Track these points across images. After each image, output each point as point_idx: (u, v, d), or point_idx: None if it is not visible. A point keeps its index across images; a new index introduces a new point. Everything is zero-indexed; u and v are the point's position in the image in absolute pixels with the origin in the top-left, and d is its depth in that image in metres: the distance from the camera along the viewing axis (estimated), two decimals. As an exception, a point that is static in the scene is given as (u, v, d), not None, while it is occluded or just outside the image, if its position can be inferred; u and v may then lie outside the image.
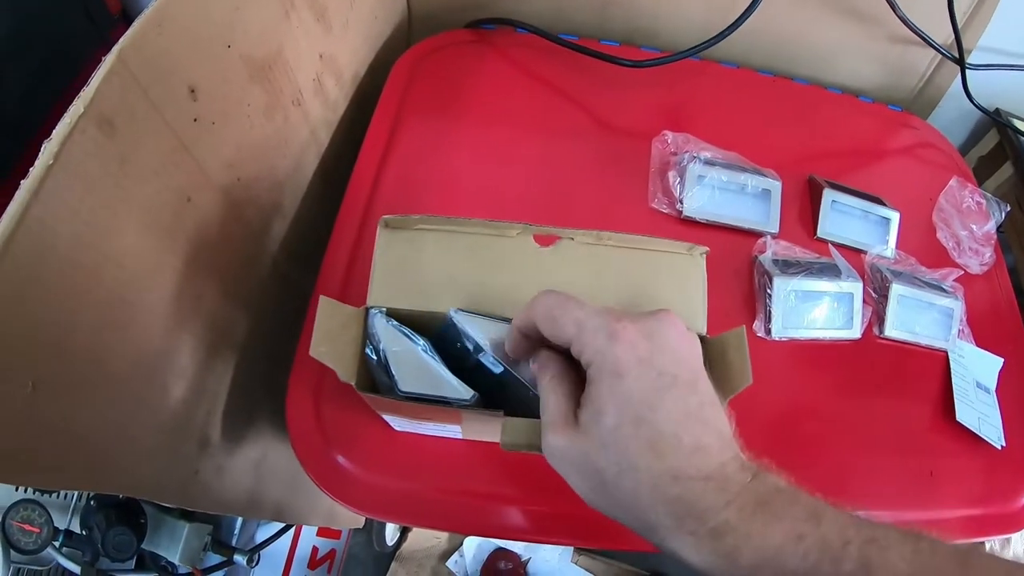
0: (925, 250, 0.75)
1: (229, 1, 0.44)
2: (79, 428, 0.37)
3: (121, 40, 0.35)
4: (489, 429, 0.47)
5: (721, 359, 0.42)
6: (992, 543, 0.95)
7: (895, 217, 0.72)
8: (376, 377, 0.42)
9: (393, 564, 1.23)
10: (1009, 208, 0.78)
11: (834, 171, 0.76)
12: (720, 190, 0.67)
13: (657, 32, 0.83)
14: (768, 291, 0.63)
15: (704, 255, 0.46)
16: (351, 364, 0.41)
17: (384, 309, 0.42)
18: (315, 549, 1.10)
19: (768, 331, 0.63)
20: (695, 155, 0.67)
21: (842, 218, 0.71)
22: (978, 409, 0.68)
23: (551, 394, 0.35)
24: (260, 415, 0.64)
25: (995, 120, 0.89)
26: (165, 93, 0.38)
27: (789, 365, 0.63)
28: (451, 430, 0.51)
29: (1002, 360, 0.72)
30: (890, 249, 0.71)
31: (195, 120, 0.42)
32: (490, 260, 0.43)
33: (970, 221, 0.77)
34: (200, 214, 0.45)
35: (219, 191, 0.47)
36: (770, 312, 0.62)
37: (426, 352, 0.41)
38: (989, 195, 0.79)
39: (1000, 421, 0.68)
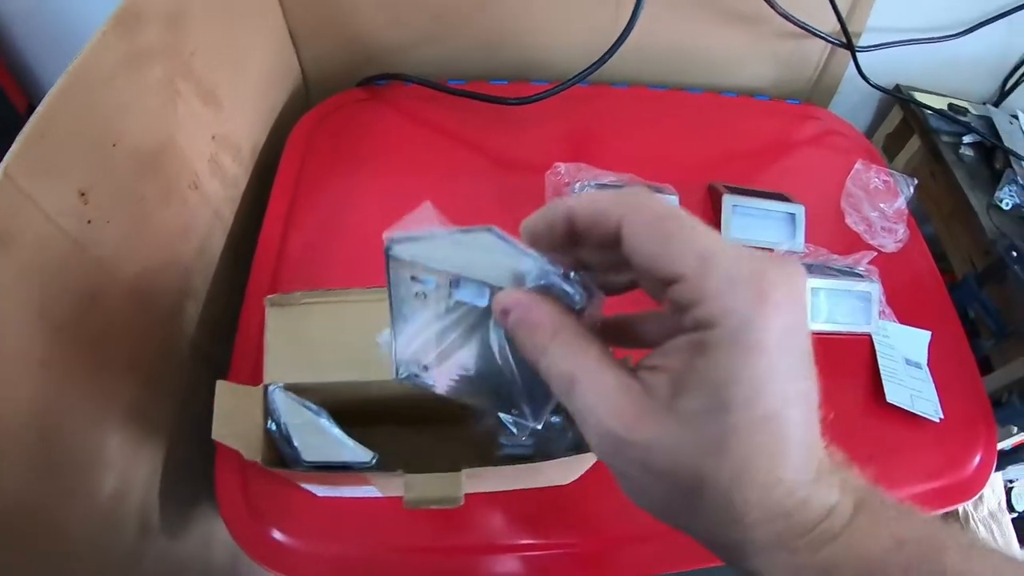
0: (837, 238, 0.76)
1: (112, 101, 0.45)
2: (10, 526, 0.38)
3: (7, 155, 0.36)
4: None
5: None
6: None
7: (800, 211, 0.73)
8: (282, 450, 0.43)
9: None
10: (917, 182, 0.79)
11: (737, 175, 0.77)
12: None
13: (549, 63, 0.84)
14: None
15: None
16: (255, 442, 0.42)
17: (281, 384, 0.43)
18: None
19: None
20: (585, 184, 0.68)
21: (746, 221, 0.72)
22: (910, 386, 0.68)
23: (607, 369, 0.25)
24: (202, 495, 0.64)
25: (896, 97, 0.91)
26: (55, 201, 0.39)
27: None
28: (368, 490, 0.51)
29: (929, 333, 0.72)
30: (799, 243, 0.72)
31: (89, 222, 0.43)
32: (375, 326, 0.42)
33: (879, 201, 0.78)
34: (106, 311, 0.46)
35: (123, 285, 0.48)
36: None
37: (325, 420, 0.42)
38: (896, 172, 0.80)
39: (935, 394, 0.69)
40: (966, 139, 0.86)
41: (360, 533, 0.52)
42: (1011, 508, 1.22)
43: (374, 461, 0.42)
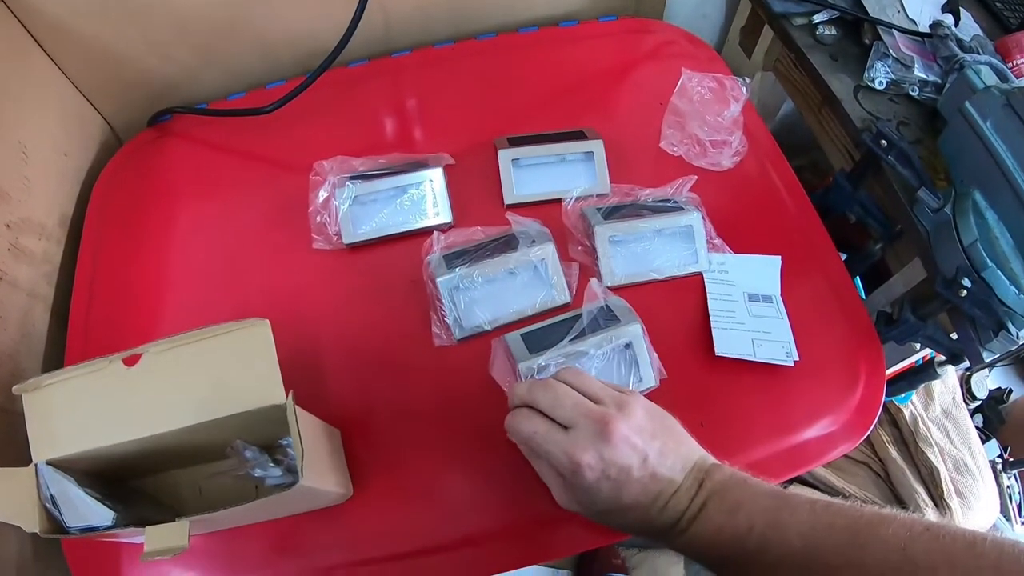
0: (656, 168, 0.64)
1: None
2: None
3: None
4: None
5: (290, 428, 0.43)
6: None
7: (598, 148, 0.62)
8: (57, 520, 0.45)
9: None
10: (749, 81, 0.66)
11: (542, 120, 0.67)
12: (373, 204, 0.59)
13: (314, 51, 0.74)
14: (436, 295, 0.54)
15: (261, 325, 0.45)
16: (33, 515, 0.43)
17: (44, 460, 0.45)
18: None
19: (451, 336, 0.54)
20: (336, 180, 0.59)
21: (533, 173, 0.62)
22: (752, 329, 0.57)
23: (554, 477, 0.46)
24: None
25: (736, -16, 0.77)
26: None
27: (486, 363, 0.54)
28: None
29: (779, 258, 0.60)
30: (601, 185, 0.62)
31: None
32: (99, 393, 0.46)
33: (709, 112, 0.66)
34: None
35: None
36: (443, 315, 0.54)
37: (74, 487, 0.44)
38: (727, 75, 0.67)
39: (789, 331, 0.57)
40: (818, 17, 0.72)
41: (196, 570, 0.52)
42: (972, 397, 1.07)
43: (114, 520, 0.44)
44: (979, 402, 1.10)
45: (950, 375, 0.85)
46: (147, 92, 0.76)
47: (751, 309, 0.58)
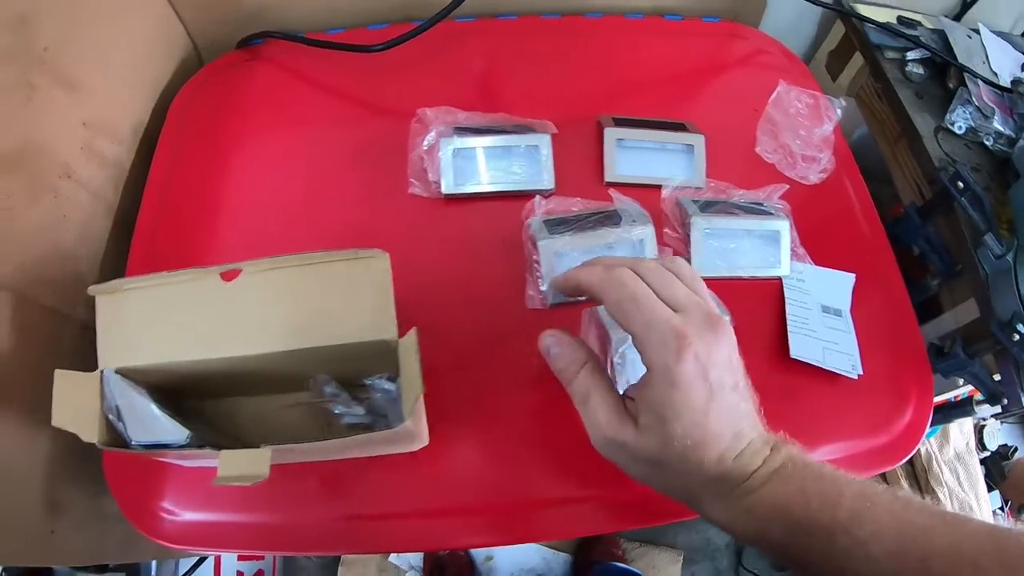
0: (749, 170, 0.66)
1: None
2: None
3: None
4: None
5: (404, 365, 0.43)
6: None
7: (699, 142, 0.64)
8: (119, 431, 0.44)
9: (340, 568, 1.22)
10: (845, 104, 0.68)
11: (641, 106, 0.68)
12: (476, 159, 0.60)
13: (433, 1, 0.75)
14: (535, 257, 0.56)
15: (384, 255, 0.44)
16: (92, 425, 0.43)
17: (113, 368, 0.44)
18: (239, 574, 1.06)
19: (543, 301, 0.56)
20: (444, 128, 0.60)
21: (635, 156, 0.63)
22: (823, 338, 0.59)
23: (595, 391, 0.41)
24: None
25: (835, 10, 0.79)
26: None
27: (578, 332, 0.56)
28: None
29: (852, 276, 0.63)
30: (698, 178, 0.63)
31: None
32: (187, 306, 0.45)
33: (802, 127, 0.68)
34: None
35: (3, 280, 0.48)
36: (539, 279, 0.55)
37: (145, 401, 0.44)
38: (822, 94, 0.69)
39: (856, 346, 0.60)
40: (912, 55, 0.75)
41: (240, 502, 0.51)
42: (983, 447, 1.13)
43: (188, 440, 0.44)
44: (988, 453, 1.15)
45: (966, 423, 0.89)
46: (237, 13, 0.75)
47: (823, 320, 0.60)
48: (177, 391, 0.49)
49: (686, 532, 1.22)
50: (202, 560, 0.94)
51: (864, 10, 0.78)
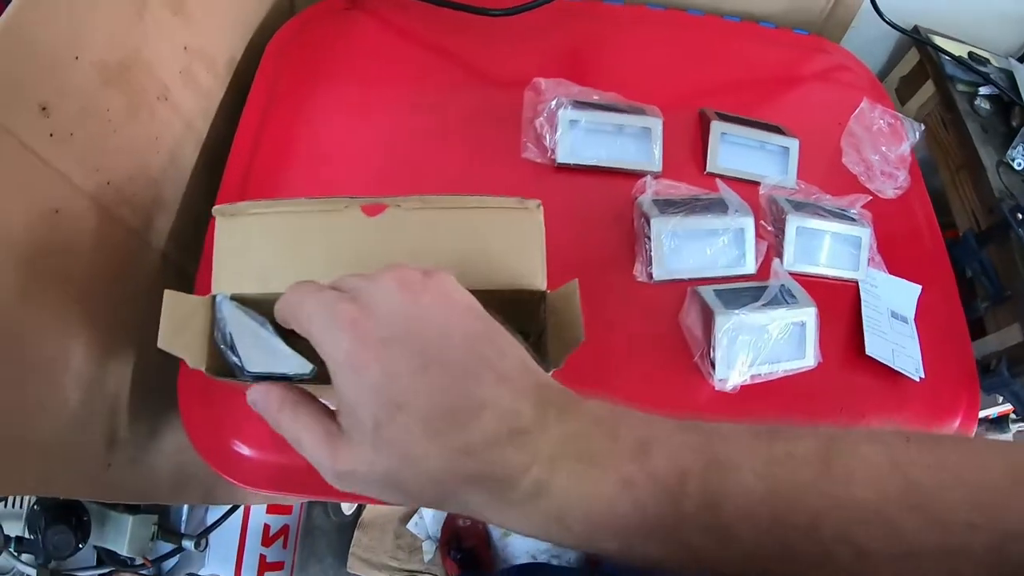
0: (833, 178, 0.70)
1: (73, 14, 0.44)
2: None
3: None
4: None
5: (558, 316, 0.42)
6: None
7: (794, 145, 0.67)
8: (228, 361, 0.42)
9: (357, 532, 1.23)
10: (924, 127, 0.73)
11: (733, 103, 0.71)
12: (594, 133, 0.63)
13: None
14: (647, 233, 0.59)
15: (539, 208, 0.43)
16: (201, 352, 0.41)
17: (228, 295, 0.42)
18: (267, 527, 1.09)
19: (649, 275, 0.59)
20: (563, 99, 0.62)
21: (735, 151, 0.66)
22: (892, 340, 0.64)
23: (298, 429, 0.30)
24: (172, 405, 0.63)
25: (913, 38, 0.84)
26: (15, 115, 0.39)
27: (677, 308, 0.59)
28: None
29: (919, 287, 0.67)
30: (790, 179, 0.67)
31: (51, 135, 0.42)
32: (321, 237, 0.43)
33: (882, 143, 0.72)
34: (71, 223, 0.46)
35: (88, 198, 0.47)
36: (649, 255, 0.58)
37: (267, 331, 0.41)
38: (902, 115, 0.74)
39: (919, 352, 0.64)
40: (983, 90, 0.80)
41: None
42: None
43: (313, 373, 0.40)
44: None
45: None
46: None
47: (892, 324, 0.65)
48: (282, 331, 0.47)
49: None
50: (232, 510, 0.95)
51: (939, 42, 0.83)
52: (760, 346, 0.56)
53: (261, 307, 0.42)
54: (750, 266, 0.61)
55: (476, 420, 0.26)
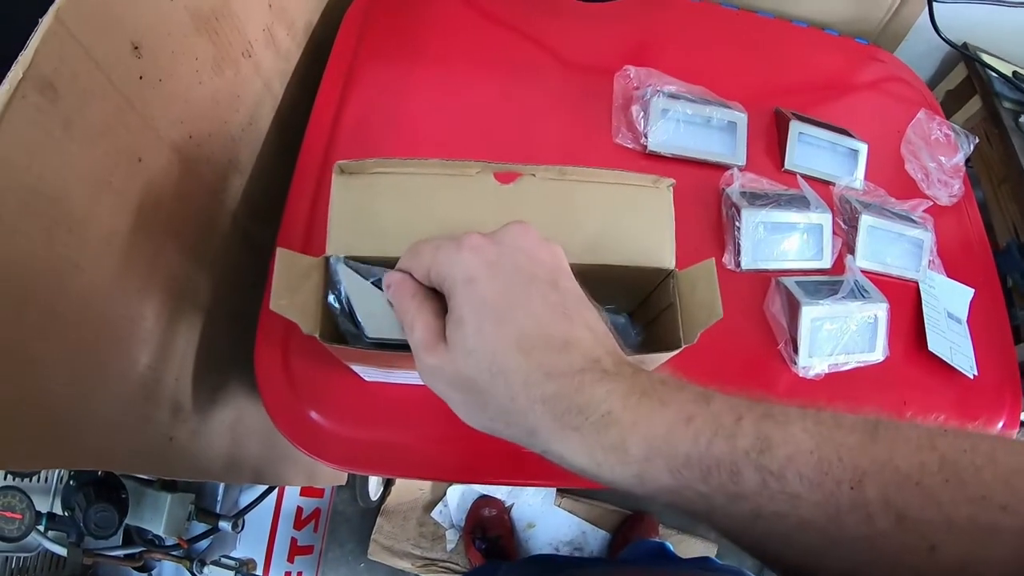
0: (894, 182, 0.73)
1: None
2: (45, 402, 0.36)
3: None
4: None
5: (691, 293, 0.42)
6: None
7: (863, 149, 0.70)
8: (341, 327, 0.40)
9: (379, 518, 1.22)
10: (977, 140, 0.76)
11: (801, 104, 0.74)
12: (685, 123, 0.64)
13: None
14: (736, 223, 0.61)
15: (671, 188, 0.44)
16: (314, 316, 0.39)
17: (344, 256, 0.40)
18: (299, 509, 1.09)
19: (738, 264, 0.61)
20: (659, 89, 0.64)
21: (809, 150, 0.69)
22: (949, 339, 0.67)
23: (417, 314, 0.34)
24: (231, 376, 0.63)
25: (963, 54, 0.88)
26: (107, 52, 0.37)
27: (761, 297, 0.61)
28: (416, 377, 0.49)
29: (972, 291, 0.71)
30: (859, 180, 0.70)
31: (140, 78, 0.40)
32: (450, 200, 0.41)
33: (938, 153, 0.75)
34: (152, 174, 0.44)
35: (171, 150, 0.46)
36: (739, 244, 0.61)
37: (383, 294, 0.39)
38: (958, 127, 0.77)
39: (972, 351, 0.68)
40: (1029, 106, 0.84)
41: (398, 421, 0.51)
42: None
43: None
44: None
45: None
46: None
47: (949, 324, 0.68)
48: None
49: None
50: (267, 492, 0.94)
51: (987, 59, 0.87)
52: (839, 337, 0.59)
53: (372, 270, 0.41)
54: (827, 260, 0.64)
55: (565, 351, 0.30)
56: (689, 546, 1.21)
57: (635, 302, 0.50)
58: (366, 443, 0.51)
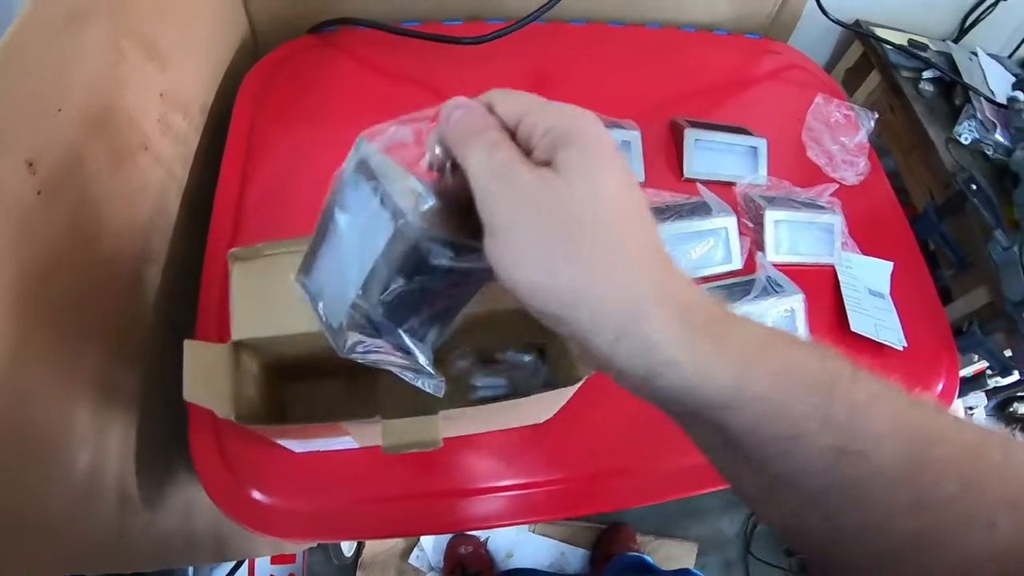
0: (798, 171, 0.75)
1: (53, 66, 0.43)
2: None
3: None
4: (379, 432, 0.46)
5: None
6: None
7: (762, 144, 0.72)
8: (332, 340, 0.38)
9: (358, 573, 1.23)
10: (877, 115, 0.78)
11: (698, 110, 0.76)
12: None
13: (503, 1, 0.81)
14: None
15: None
16: (227, 400, 0.40)
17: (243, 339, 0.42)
18: None
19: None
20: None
21: (708, 155, 0.70)
22: (873, 316, 0.68)
23: (500, 132, 0.28)
24: (176, 462, 0.63)
25: (856, 32, 0.90)
26: (3, 173, 0.37)
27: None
28: (344, 442, 0.50)
29: (891, 264, 0.72)
30: (761, 176, 0.71)
31: (39, 193, 0.41)
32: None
33: (840, 135, 0.77)
34: (64, 281, 0.44)
35: (80, 255, 0.46)
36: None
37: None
38: (856, 106, 0.79)
39: (898, 323, 0.69)
40: (926, 74, 0.86)
41: (338, 486, 0.52)
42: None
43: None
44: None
45: (959, 410, 1.01)
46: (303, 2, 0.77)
47: (871, 301, 0.69)
48: (303, 368, 0.47)
49: (698, 524, 1.30)
50: (239, 565, 0.95)
51: (880, 33, 0.89)
52: (756, 336, 0.60)
53: (270, 348, 0.43)
54: (736, 262, 0.65)
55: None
56: (669, 550, 1.21)
57: (544, 338, 0.51)
58: (310, 513, 0.52)
